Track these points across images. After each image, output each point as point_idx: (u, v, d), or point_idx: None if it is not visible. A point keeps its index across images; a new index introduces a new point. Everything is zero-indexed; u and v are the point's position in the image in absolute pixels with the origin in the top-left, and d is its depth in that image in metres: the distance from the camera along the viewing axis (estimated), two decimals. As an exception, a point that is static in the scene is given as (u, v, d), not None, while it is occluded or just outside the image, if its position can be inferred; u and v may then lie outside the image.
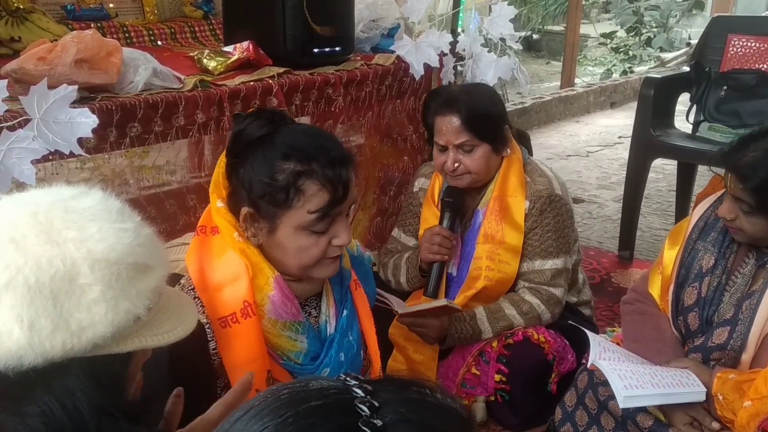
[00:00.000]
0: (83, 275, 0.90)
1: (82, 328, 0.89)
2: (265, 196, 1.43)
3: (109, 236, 0.93)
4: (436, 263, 2.20)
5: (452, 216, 2.24)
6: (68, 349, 0.89)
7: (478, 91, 2.28)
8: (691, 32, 9.80)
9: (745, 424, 1.65)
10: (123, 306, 0.92)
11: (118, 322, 0.92)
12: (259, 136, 1.45)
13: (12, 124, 1.53)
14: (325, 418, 0.64)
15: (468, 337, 2.16)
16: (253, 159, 1.44)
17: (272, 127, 1.46)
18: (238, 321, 1.46)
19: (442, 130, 2.18)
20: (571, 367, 2.17)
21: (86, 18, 2.62)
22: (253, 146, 1.45)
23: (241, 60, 2.24)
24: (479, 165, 2.18)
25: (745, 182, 1.70)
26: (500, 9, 2.77)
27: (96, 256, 0.91)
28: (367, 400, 0.65)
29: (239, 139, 1.47)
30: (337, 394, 0.67)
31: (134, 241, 0.95)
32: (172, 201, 2.44)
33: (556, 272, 2.21)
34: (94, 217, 0.94)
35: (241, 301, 1.46)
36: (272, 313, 1.50)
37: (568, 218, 2.25)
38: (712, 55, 3.48)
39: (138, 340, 0.96)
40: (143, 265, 0.95)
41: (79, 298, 0.89)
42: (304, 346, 1.55)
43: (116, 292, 0.91)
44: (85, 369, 0.92)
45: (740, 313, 1.78)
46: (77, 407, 0.91)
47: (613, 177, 5.00)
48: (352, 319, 1.66)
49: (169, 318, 1.02)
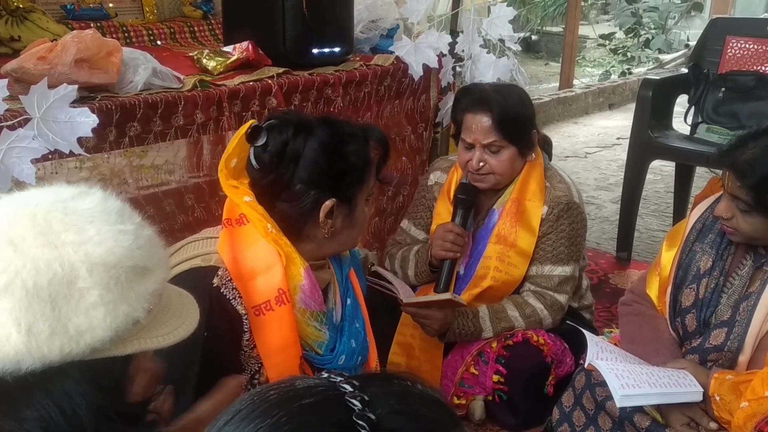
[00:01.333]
0: (82, 279, 0.89)
1: (80, 332, 0.89)
2: (345, 180, 1.53)
3: (108, 239, 0.92)
4: (448, 260, 2.20)
5: (465, 213, 2.23)
6: (66, 353, 0.88)
7: (511, 92, 2.25)
8: (690, 34, 9.83)
9: (742, 425, 1.65)
10: (122, 310, 0.91)
11: (116, 326, 0.91)
12: (305, 143, 1.51)
13: (12, 123, 1.54)
14: (318, 415, 0.65)
15: (469, 333, 2.16)
16: (313, 161, 1.50)
17: (306, 130, 1.52)
18: (272, 308, 1.49)
19: (471, 127, 2.16)
20: (569, 370, 2.18)
21: (86, 18, 2.63)
22: (306, 152, 1.50)
23: (240, 60, 2.24)
24: (504, 167, 2.17)
25: (744, 179, 1.70)
26: (499, 10, 2.78)
27: (94, 259, 0.90)
28: (358, 394, 0.65)
29: (283, 152, 1.50)
30: (325, 390, 0.67)
31: (133, 243, 0.94)
32: (170, 200, 2.44)
33: (564, 279, 2.21)
34: (93, 219, 0.93)
35: (276, 289, 1.48)
36: (302, 302, 1.53)
37: (582, 227, 2.25)
38: (711, 57, 3.49)
39: (137, 342, 0.95)
40: (142, 268, 0.95)
41: (77, 302, 0.89)
42: (326, 337, 1.60)
43: (115, 296, 0.91)
44: (83, 372, 0.92)
45: (737, 314, 1.79)
46: (75, 411, 0.90)
47: (611, 178, 5.01)
48: (356, 306, 1.71)
49: (170, 319, 1.01)
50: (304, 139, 1.50)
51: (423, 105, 2.85)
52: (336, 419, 0.64)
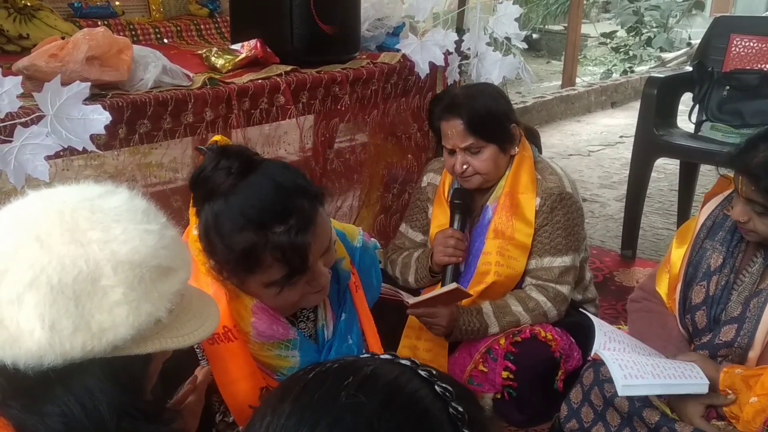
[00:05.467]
0: (106, 277, 0.89)
1: (102, 329, 0.89)
2: (226, 261, 1.37)
3: (134, 238, 0.92)
4: (450, 265, 2.22)
5: (462, 218, 2.27)
6: (88, 350, 0.89)
7: (481, 92, 2.27)
8: (691, 32, 9.84)
9: (751, 420, 1.66)
10: (145, 309, 0.92)
11: (139, 325, 0.91)
12: (218, 193, 1.34)
13: (25, 120, 1.54)
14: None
15: (475, 330, 2.17)
16: (211, 216, 1.35)
17: (235, 177, 1.34)
18: (223, 341, 1.41)
19: (447, 134, 2.20)
20: (577, 364, 2.18)
21: (93, 16, 2.63)
22: (212, 200, 1.35)
23: (248, 58, 2.24)
24: (488, 166, 2.19)
25: (758, 183, 1.71)
26: (505, 8, 2.78)
27: (120, 258, 0.90)
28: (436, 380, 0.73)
29: (197, 182, 1.37)
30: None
31: (158, 243, 0.94)
32: (177, 197, 2.45)
33: (565, 270, 2.22)
34: (119, 217, 0.93)
35: (220, 326, 1.38)
36: (257, 338, 1.45)
37: (578, 216, 2.26)
38: (715, 55, 3.50)
39: (159, 341, 0.96)
40: (166, 268, 0.95)
41: (101, 300, 0.89)
42: (297, 361, 1.49)
43: (138, 295, 0.91)
44: (105, 369, 0.92)
45: (748, 311, 1.79)
46: (97, 407, 0.91)
47: (614, 176, 5.02)
48: (351, 321, 1.61)
49: (190, 319, 1.01)
50: (223, 193, 1.34)
51: (429, 103, 2.86)
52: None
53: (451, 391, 0.71)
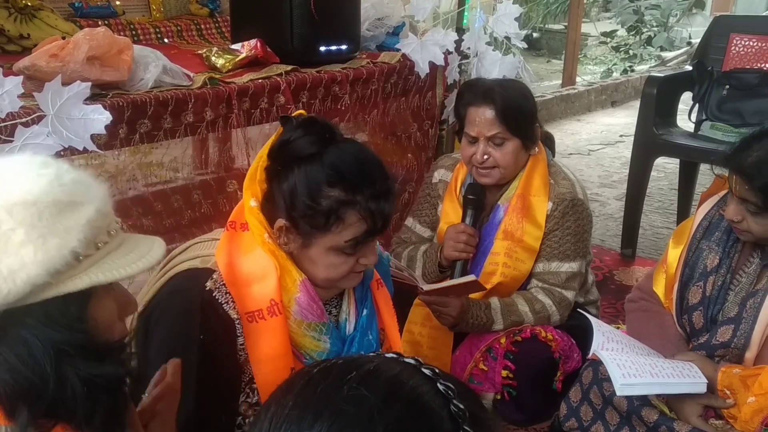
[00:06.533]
0: (4, 222, 0.90)
1: (12, 271, 0.90)
2: (305, 216, 1.42)
3: (26, 182, 0.93)
4: (460, 260, 2.22)
5: (475, 213, 2.26)
6: (5, 294, 0.90)
7: (513, 86, 2.27)
8: (692, 31, 9.84)
9: (749, 420, 1.66)
10: (52, 243, 0.92)
11: (50, 260, 0.92)
12: (308, 155, 1.41)
13: (26, 120, 1.55)
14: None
15: (481, 325, 2.17)
16: (297, 176, 1.41)
17: (322, 145, 1.42)
18: (264, 318, 1.46)
19: (474, 120, 2.18)
20: (576, 366, 2.18)
21: (93, 15, 2.64)
22: (299, 163, 1.42)
23: (249, 58, 2.25)
24: (508, 160, 2.19)
25: (751, 182, 1.71)
26: (505, 7, 2.79)
27: (13, 200, 0.91)
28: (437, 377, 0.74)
29: (285, 149, 1.43)
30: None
31: (53, 182, 0.95)
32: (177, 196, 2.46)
33: (571, 275, 2.23)
34: (15, 171, 0.95)
35: (268, 300, 1.46)
36: (298, 314, 1.50)
37: (588, 223, 2.27)
38: (715, 55, 3.50)
39: (87, 277, 0.96)
40: (68, 202, 0.95)
41: (5, 245, 0.90)
42: (327, 347, 1.55)
43: (42, 231, 0.92)
44: (39, 316, 0.93)
45: (744, 311, 1.80)
46: (32, 353, 0.92)
47: (614, 175, 5.02)
48: (372, 318, 1.66)
49: (128, 254, 1.02)
50: (310, 156, 1.41)
51: (429, 102, 2.87)
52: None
53: (453, 389, 0.72)
